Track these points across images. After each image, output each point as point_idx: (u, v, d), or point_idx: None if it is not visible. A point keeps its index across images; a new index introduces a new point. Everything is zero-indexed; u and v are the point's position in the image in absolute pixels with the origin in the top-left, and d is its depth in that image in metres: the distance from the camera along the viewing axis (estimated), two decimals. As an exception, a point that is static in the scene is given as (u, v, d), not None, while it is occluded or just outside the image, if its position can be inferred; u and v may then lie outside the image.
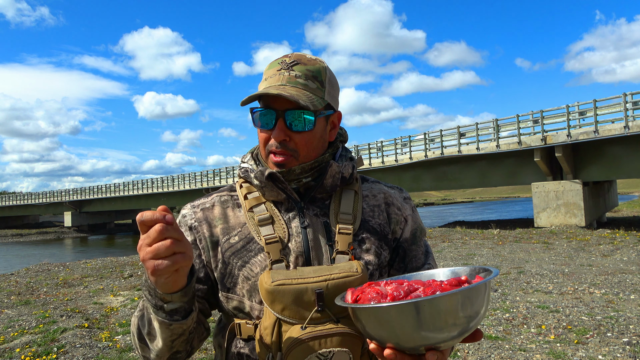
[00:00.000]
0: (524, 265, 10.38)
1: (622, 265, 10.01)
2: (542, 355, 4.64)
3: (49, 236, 45.65)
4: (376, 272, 1.10)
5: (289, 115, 1.04)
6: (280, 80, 1.04)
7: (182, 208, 1.19)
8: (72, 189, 52.88)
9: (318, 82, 1.07)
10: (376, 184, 1.21)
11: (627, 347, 4.71)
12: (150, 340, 0.97)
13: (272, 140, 1.06)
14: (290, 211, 1.11)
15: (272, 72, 1.07)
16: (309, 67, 1.07)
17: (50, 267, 14.77)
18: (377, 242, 1.11)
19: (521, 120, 21.02)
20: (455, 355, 4.75)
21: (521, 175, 22.23)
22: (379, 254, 1.11)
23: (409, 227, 1.17)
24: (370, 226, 1.12)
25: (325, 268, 1.01)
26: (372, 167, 26.95)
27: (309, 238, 1.08)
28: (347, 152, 1.19)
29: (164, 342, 0.95)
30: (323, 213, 1.11)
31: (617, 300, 6.77)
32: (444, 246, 14.87)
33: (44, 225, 59.36)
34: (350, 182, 1.15)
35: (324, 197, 1.13)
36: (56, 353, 5.33)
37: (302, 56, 1.09)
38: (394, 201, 1.18)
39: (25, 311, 7.82)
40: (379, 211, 1.15)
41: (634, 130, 17.40)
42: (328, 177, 1.09)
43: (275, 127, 1.05)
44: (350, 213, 1.11)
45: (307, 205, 1.11)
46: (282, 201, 1.11)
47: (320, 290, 0.96)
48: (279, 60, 1.08)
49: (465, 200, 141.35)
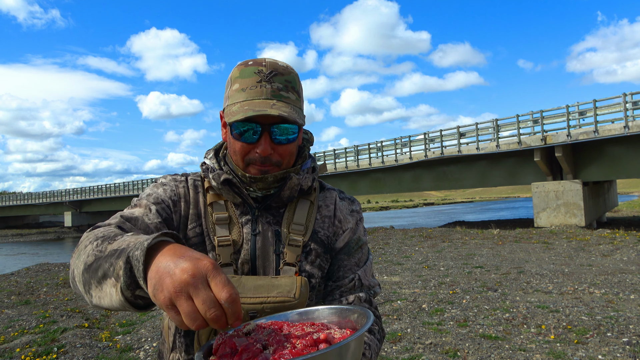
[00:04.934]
0: (524, 265, 10.38)
1: (622, 265, 10.01)
2: (542, 355, 4.64)
3: (49, 236, 45.63)
4: (319, 285, 1.14)
5: (274, 130, 1.04)
6: (265, 94, 1.03)
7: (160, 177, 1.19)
8: (72, 189, 52.88)
9: (295, 92, 1.08)
10: (330, 193, 1.22)
11: (627, 347, 4.71)
12: (93, 288, 0.80)
13: (254, 154, 1.06)
14: (245, 215, 1.12)
15: (249, 82, 1.04)
16: (286, 77, 1.07)
17: (50, 267, 14.77)
18: (323, 254, 1.14)
19: (521, 120, 21.03)
20: (455, 355, 4.76)
21: (521, 175, 22.23)
22: (323, 267, 1.14)
23: (344, 238, 1.18)
24: (319, 237, 1.15)
25: (265, 286, 1.02)
26: (372, 167, 26.93)
27: (257, 246, 1.10)
28: (313, 162, 1.21)
29: (108, 306, 0.79)
30: (276, 222, 1.13)
31: (617, 300, 6.78)
32: (444, 246, 14.86)
33: (44, 225, 59.37)
34: (308, 193, 1.17)
35: (279, 206, 1.14)
36: (56, 353, 5.33)
37: (276, 64, 1.07)
38: (338, 213, 1.20)
39: (26, 311, 7.82)
40: (329, 222, 1.18)
41: (634, 130, 17.40)
42: (286, 190, 1.11)
43: (261, 142, 1.04)
44: (302, 224, 1.13)
45: (262, 212, 1.13)
46: (239, 204, 1.13)
47: (254, 313, 0.98)
48: (254, 69, 1.05)
49: (465, 200, 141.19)
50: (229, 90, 1.08)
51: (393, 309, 6.86)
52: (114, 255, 0.77)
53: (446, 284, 8.58)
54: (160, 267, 0.68)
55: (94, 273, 0.79)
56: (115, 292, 0.74)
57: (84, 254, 0.85)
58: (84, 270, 0.82)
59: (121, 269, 0.73)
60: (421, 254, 13.34)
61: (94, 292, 0.80)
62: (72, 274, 0.88)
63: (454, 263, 11.15)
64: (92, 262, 0.81)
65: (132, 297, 0.74)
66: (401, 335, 5.53)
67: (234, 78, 1.08)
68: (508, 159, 22.37)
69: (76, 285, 0.87)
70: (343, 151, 29.32)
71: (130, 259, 0.72)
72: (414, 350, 4.97)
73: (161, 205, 1.09)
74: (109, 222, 0.99)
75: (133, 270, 0.71)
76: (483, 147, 22.15)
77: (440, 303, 7.04)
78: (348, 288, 1.16)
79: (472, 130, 22.72)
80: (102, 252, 0.81)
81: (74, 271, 0.87)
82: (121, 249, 0.77)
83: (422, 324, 5.95)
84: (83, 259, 0.84)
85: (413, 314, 6.51)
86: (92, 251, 0.83)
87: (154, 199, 1.10)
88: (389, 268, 10.97)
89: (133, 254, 0.72)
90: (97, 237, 0.87)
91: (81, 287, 0.84)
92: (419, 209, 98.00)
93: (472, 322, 5.92)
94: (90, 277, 0.80)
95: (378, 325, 1.17)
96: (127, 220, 1.01)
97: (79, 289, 0.86)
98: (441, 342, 5.17)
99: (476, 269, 10.06)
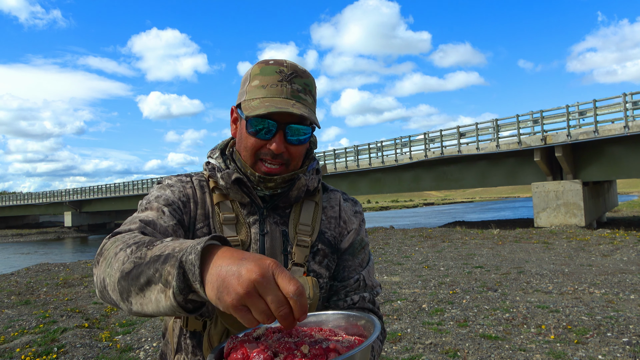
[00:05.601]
0: (524, 265, 10.38)
1: (622, 265, 10.01)
2: (542, 355, 4.64)
3: (49, 236, 45.64)
4: (326, 286, 1.15)
5: (289, 129, 1.06)
6: (285, 94, 1.06)
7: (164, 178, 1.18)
8: (72, 189, 52.88)
9: (312, 96, 1.11)
10: (334, 194, 1.25)
11: (627, 347, 4.72)
12: (133, 295, 0.78)
13: (266, 149, 1.08)
14: (252, 215, 1.13)
15: (270, 80, 1.06)
16: (305, 80, 1.10)
17: (50, 267, 14.77)
18: (330, 254, 1.16)
19: (521, 120, 21.03)
20: (455, 355, 4.76)
21: (521, 175, 22.24)
22: (330, 268, 1.16)
23: (349, 239, 1.21)
24: (325, 238, 1.17)
25: None
26: (372, 167, 26.92)
27: (266, 246, 1.11)
28: (317, 164, 1.23)
29: (152, 313, 0.79)
30: (283, 222, 1.14)
31: (617, 300, 6.78)
32: (444, 246, 14.87)
33: (44, 225, 59.38)
34: (313, 194, 1.20)
35: (285, 206, 1.16)
36: (56, 353, 5.33)
37: (296, 66, 1.10)
38: (343, 214, 1.22)
39: (26, 311, 7.82)
40: (335, 223, 1.20)
41: (634, 130, 17.40)
42: (294, 190, 1.13)
43: (275, 139, 1.06)
44: (309, 224, 1.15)
45: (269, 212, 1.14)
46: (246, 204, 1.14)
47: None
48: (275, 69, 1.07)
49: (465, 200, 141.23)
50: (248, 86, 1.09)
51: (393, 309, 6.86)
52: (159, 261, 0.75)
53: (446, 284, 8.58)
54: (222, 270, 0.67)
55: (134, 280, 0.77)
56: (164, 298, 0.73)
57: (117, 261, 0.82)
58: (120, 279, 0.80)
59: (170, 275, 0.72)
60: (421, 254, 13.34)
61: (135, 300, 0.78)
62: (103, 283, 0.85)
63: (454, 263, 11.15)
64: (132, 269, 0.78)
65: (184, 302, 0.73)
66: (401, 335, 5.53)
67: (253, 75, 1.09)
68: (508, 159, 22.37)
69: (108, 294, 0.84)
70: (343, 151, 29.31)
71: (184, 264, 0.71)
72: (414, 350, 4.97)
73: (172, 207, 1.09)
74: (129, 227, 0.97)
75: (187, 275, 0.71)
76: (483, 147, 22.16)
77: (440, 303, 7.05)
78: (353, 288, 1.18)
79: (472, 130, 22.72)
80: (141, 258, 0.78)
81: (105, 280, 0.84)
82: (166, 254, 0.75)
83: (422, 324, 5.95)
84: (117, 266, 0.81)
85: (413, 314, 6.51)
86: (129, 258, 0.80)
87: (164, 200, 1.09)
88: (389, 268, 10.97)
89: (187, 258, 0.71)
90: (128, 244, 0.84)
91: (116, 296, 0.82)
92: (419, 209, 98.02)
93: (472, 322, 5.92)
94: (130, 284, 0.78)
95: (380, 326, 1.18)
96: (146, 225, 1.00)
97: (112, 298, 0.84)
98: (441, 342, 5.17)
99: (476, 269, 10.06)
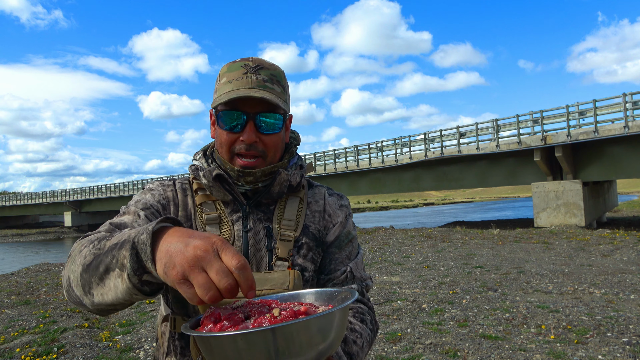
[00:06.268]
0: (523, 265, 10.38)
1: (622, 265, 10.01)
2: (542, 355, 4.64)
3: (49, 236, 45.64)
4: (312, 279, 1.15)
5: (259, 118, 1.07)
6: (250, 84, 1.07)
7: (148, 183, 1.22)
8: (72, 189, 52.87)
9: (281, 86, 1.12)
10: (319, 189, 1.26)
11: (627, 347, 4.72)
12: (94, 286, 0.80)
13: (239, 143, 1.09)
14: (236, 213, 1.14)
15: (235, 74, 1.08)
16: (272, 71, 1.11)
17: (50, 267, 14.78)
18: (315, 247, 1.17)
19: (521, 120, 21.04)
20: (455, 355, 4.76)
21: (521, 175, 22.24)
22: (315, 261, 1.17)
23: (334, 231, 1.21)
24: (310, 232, 1.17)
25: (259, 280, 1.03)
26: (372, 167, 26.92)
27: (250, 242, 1.12)
28: (300, 160, 1.24)
29: (112, 301, 0.80)
30: (267, 218, 1.15)
31: (617, 300, 6.78)
32: (444, 246, 14.86)
33: (44, 225, 59.38)
34: (297, 190, 1.20)
35: (269, 203, 1.17)
36: (56, 353, 5.33)
37: (262, 60, 1.12)
38: (328, 207, 1.23)
39: (26, 311, 7.82)
40: (319, 217, 1.21)
41: (634, 130, 17.41)
42: (276, 185, 1.14)
43: (246, 130, 1.07)
44: (293, 220, 1.16)
45: (252, 209, 1.15)
46: (229, 202, 1.15)
47: None
48: (240, 64, 1.10)
49: (465, 200, 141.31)
50: (217, 86, 1.12)
51: (393, 309, 6.86)
52: (115, 248, 0.77)
53: (446, 284, 8.58)
54: (170, 247, 0.70)
55: (94, 271, 0.80)
56: (121, 282, 0.75)
57: (80, 257, 0.85)
58: (82, 272, 0.82)
59: (125, 258, 0.74)
60: (421, 254, 13.34)
61: (95, 291, 0.80)
62: (68, 281, 0.87)
63: (454, 263, 11.15)
64: (92, 261, 0.81)
65: (139, 284, 0.75)
66: (401, 335, 5.53)
67: (222, 74, 1.12)
68: (508, 159, 22.37)
69: (73, 290, 0.86)
70: (343, 151, 29.32)
71: (136, 244, 0.73)
72: (414, 350, 4.97)
73: (150, 210, 1.11)
74: (98, 230, 1.00)
75: (139, 255, 0.73)
76: (483, 147, 22.16)
77: (440, 303, 7.04)
78: (340, 280, 1.18)
79: (472, 130, 22.72)
80: (100, 249, 0.81)
81: (70, 277, 0.86)
82: (122, 240, 0.78)
83: (422, 324, 5.95)
84: (80, 261, 0.84)
85: (413, 314, 6.51)
86: (90, 252, 0.83)
87: (142, 204, 1.12)
88: (389, 268, 10.96)
89: (139, 239, 0.74)
90: (91, 241, 0.87)
91: (79, 291, 0.84)
92: (419, 209, 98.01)
93: (472, 322, 5.92)
94: (91, 275, 0.81)
95: (370, 316, 1.19)
96: (116, 227, 1.02)
97: (76, 295, 0.85)
98: (441, 342, 5.17)
99: (476, 269, 10.06)
